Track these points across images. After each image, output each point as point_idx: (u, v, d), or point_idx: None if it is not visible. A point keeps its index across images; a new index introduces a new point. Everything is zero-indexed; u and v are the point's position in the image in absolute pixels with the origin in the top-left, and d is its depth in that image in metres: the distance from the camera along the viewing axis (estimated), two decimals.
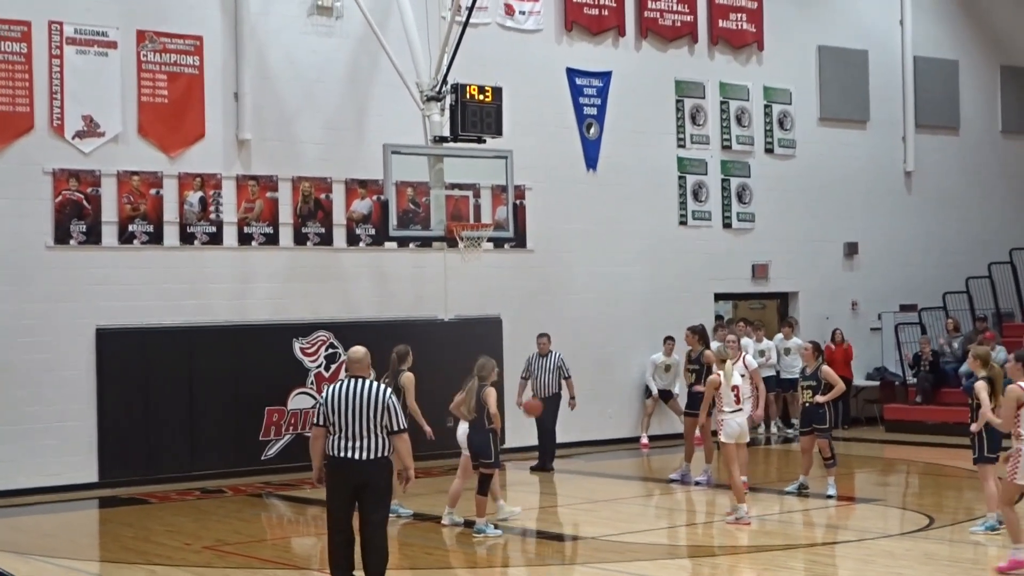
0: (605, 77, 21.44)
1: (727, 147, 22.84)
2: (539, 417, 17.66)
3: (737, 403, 13.87)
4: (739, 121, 22.96)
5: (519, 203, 19.93)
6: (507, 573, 11.94)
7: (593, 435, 20.62)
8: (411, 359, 14.19)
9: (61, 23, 17.08)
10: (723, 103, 22.79)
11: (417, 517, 14.14)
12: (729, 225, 22.82)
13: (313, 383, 18.29)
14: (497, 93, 17.33)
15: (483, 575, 11.74)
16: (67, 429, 16.93)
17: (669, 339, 20.49)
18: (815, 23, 23.98)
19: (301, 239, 18.69)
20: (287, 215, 18.56)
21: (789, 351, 21.35)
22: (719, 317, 22.29)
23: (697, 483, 15.94)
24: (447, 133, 17.31)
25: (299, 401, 18.14)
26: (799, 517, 14.41)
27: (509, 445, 18.00)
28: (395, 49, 18.17)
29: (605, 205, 21.25)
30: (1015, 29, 26.75)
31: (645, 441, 20.73)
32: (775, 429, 21.83)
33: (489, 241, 18.05)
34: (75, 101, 17.12)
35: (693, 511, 14.59)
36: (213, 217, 18.04)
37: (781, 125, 23.47)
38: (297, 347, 18.43)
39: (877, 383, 23.93)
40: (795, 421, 19.38)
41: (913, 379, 22.65)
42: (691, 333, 16.76)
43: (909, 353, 22.79)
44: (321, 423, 9.98)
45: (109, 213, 17.32)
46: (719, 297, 22.84)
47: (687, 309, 21.37)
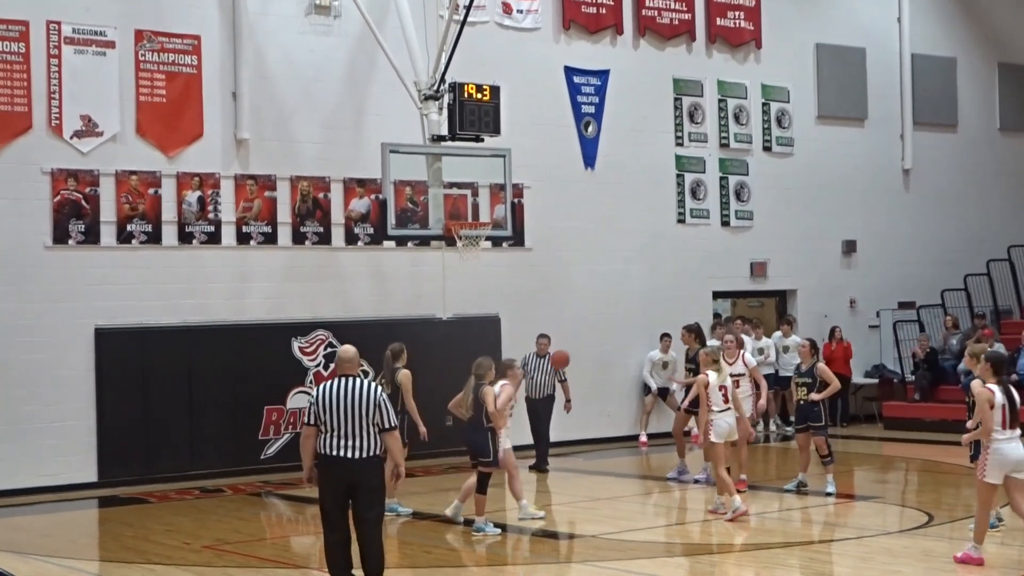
0: (603, 75, 21.44)
1: (725, 145, 22.84)
2: (536, 415, 17.67)
3: (725, 403, 13.96)
4: (737, 119, 22.96)
5: (517, 202, 19.97)
6: (506, 571, 11.95)
7: (592, 433, 20.64)
8: (406, 357, 14.19)
9: (59, 23, 17.08)
10: (721, 101, 22.79)
11: (416, 516, 14.15)
12: (727, 223, 22.83)
13: (312, 382, 18.28)
14: (495, 92, 17.32)
15: (482, 574, 11.74)
16: (66, 429, 16.94)
17: (666, 336, 20.55)
18: (813, 21, 23.98)
19: (299, 238, 18.70)
20: (285, 214, 18.56)
21: (788, 349, 21.35)
22: (717, 315, 22.30)
23: (696, 481, 15.95)
24: (445, 132, 17.31)
25: (298, 400, 18.13)
26: (798, 515, 14.43)
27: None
28: (393, 48, 18.17)
29: (603, 203, 21.26)
30: (1013, 27, 26.75)
31: (644, 439, 20.74)
32: (774, 427, 21.83)
33: (487, 240, 18.05)
34: (73, 101, 17.12)
35: (692, 509, 14.59)
36: (211, 216, 18.04)
37: (779, 123, 23.47)
38: (296, 346, 18.44)
39: (876, 381, 23.95)
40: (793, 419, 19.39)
41: (912, 376, 22.66)
42: (687, 332, 16.77)
43: (920, 351, 22.52)
44: (312, 422, 9.97)
45: (107, 213, 17.32)
46: (717, 295, 22.87)
47: (686, 307, 21.38)
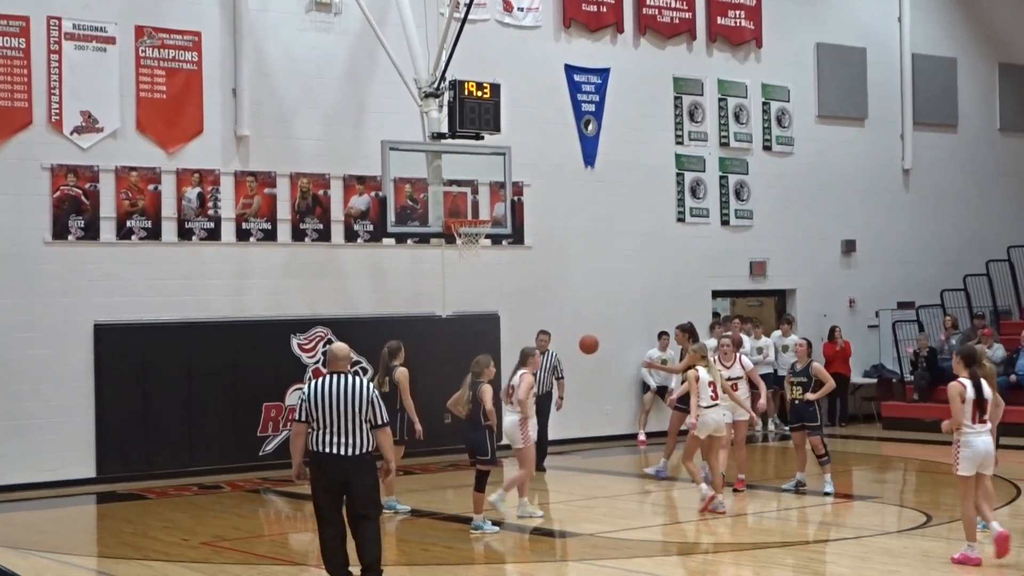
0: (603, 74, 21.44)
1: (725, 144, 22.84)
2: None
3: (714, 398, 14.08)
4: (737, 118, 22.96)
5: (517, 200, 19.97)
6: (504, 569, 11.96)
7: (591, 432, 20.65)
8: (403, 355, 14.19)
9: (60, 18, 17.07)
10: (721, 100, 22.80)
11: (414, 513, 14.16)
12: (727, 222, 22.83)
13: (311, 379, 18.24)
14: (495, 90, 17.31)
15: (480, 571, 11.74)
16: (65, 425, 16.94)
17: (663, 334, 20.56)
18: (813, 20, 23.98)
19: (299, 235, 18.69)
20: (285, 211, 18.56)
21: (787, 348, 21.34)
22: (716, 314, 22.30)
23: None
24: (445, 129, 17.31)
25: (297, 397, 18.06)
26: (796, 514, 14.44)
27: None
28: (393, 45, 18.17)
29: (603, 202, 21.26)
30: (1013, 27, 26.75)
31: (642, 438, 20.74)
32: (772, 426, 21.83)
33: (487, 238, 18.06)
34: (73, 96, 17.12)
35: (690, 508, 14.58)
36: (211, 213, 18.03)
37: (779, 122, 23.47)
38: (295, 343, 18.44)
39: (875, 380, 23.95)
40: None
41: (911, 376, 22.66)
42: (680, 331, 16.89)
43: (920, 348, 22.43)
44: (303, 419, 9.97)
45: (107, 209, 17.32)
46: (717, 294, 22.87)
47: (685, 306, 21.42)
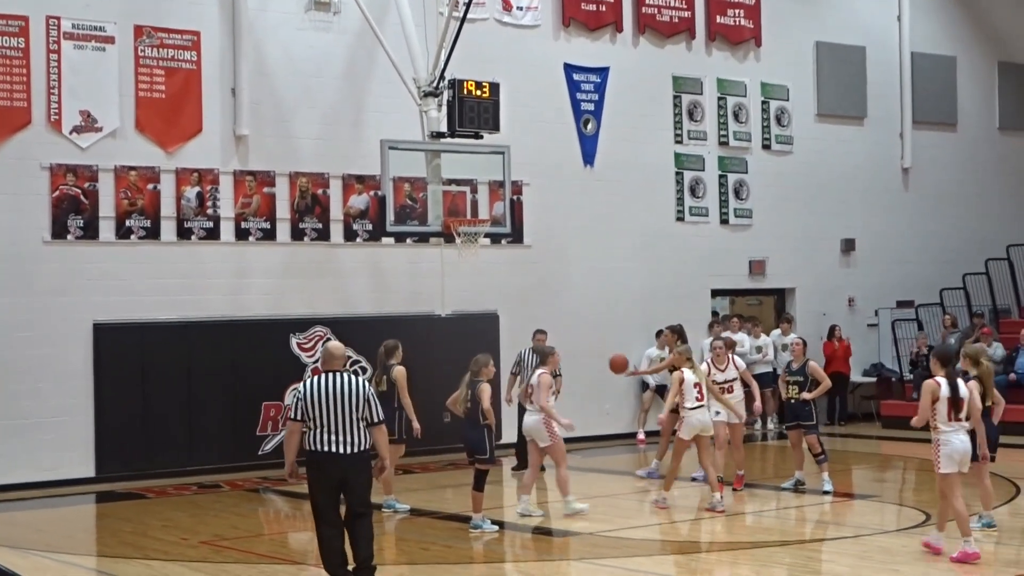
0: (603, 73, 21.44)
1: (724, 143, 22.84)
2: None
3: (700, 399, 14.12)
4: (736, 117, 22.96)
5: (516, 199, 19.97)
6: (503, 568, 11.96)
7: (590, 431, 20.62)
8: (400, 354, 14.18)
9: (59, 18, 17.07)
10: (720, 99, 22.79)
11: (413, 512, 14.16)
12: (726, 221, 22.83)
13: (308, 377, 18.23)
14: (494, 89, 17.30)
15: (479, 570, 11.74)
16: (64, 424, 16.94)
17: (661, 332, 20.51)
18: (813, 19, 23.98)
19: (298, 234, 18.69)
20: (284, 210, 18.56)
21: (786, 347, 21.31)
22: (715, 313, 22.33)
23: (694, 479, 15.94)
24: (444, 129, 17.29)
25: (292, 396, 18.07)
26: (795, 513, 14.45)
27: (506, 440, 18.00)
28: (393, 45, 18.16)
29: (602, 201, 21.26)
30: (1013, 25, 26.75)
31: (642, 437, 20.74)
32: (771, 426, 21.84)
33: (486, 237, 18.03)
34: (73, 96, 17.12)
35: (689, 507, 14.59)
36: (210, 212, 18.03)
37: (778, 121, 23.47)
38: (294, 342, 18.44)
39: (874, 379, 23.95)
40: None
41: (910, 375, 22.64)
42: (670, 332, 17.15)
43: (921, 346, 22.47)
44: (299, 418, 9.97)
45: (106, 208, 17.33)
46: (716, 293, 22.87)
47: (684, 305, 21.44)
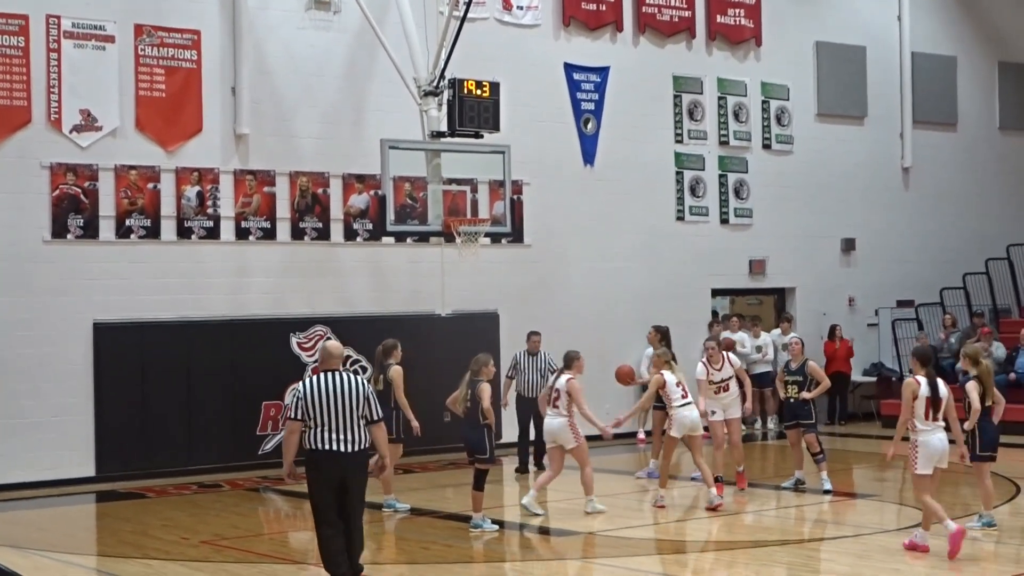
0: (603, 72, 21.43)
1: (724, 143, 22.83)
2: (529, 414, 17.49)
3: (684, 396, 14.19)
4: (737, 117, 22.95)
5: (516, 198, 19.97)
6: (503, 568, 11.96)
7: (590, 430, 20.54)
8: (399, 353, 14.17)
9: (59, 17, 17.06)
10: (721, 99, 22.78)
11: (413, 512, 14.16)
12: (726, 221, 22.83)
13: (308, 376, 18.23)
14: (495, 88, 17.29)
15: (479, 570, 11.74)
16: (64, 423, 16.94)
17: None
18: (813, 19, 23.97)
19: (298, 234, 18.69)
20: (284, 210, 18.55)
21: (786, 347, 21.32)
22: (714, 313, 22.33)
23: (693, 479, 15.94)
24: (444, 128, 17.29)
25: (291, 395, 18.05)
26: (795, 512, 14.45)
27: (506, 440, 17.99)
28: (393, 44, 18.15)
29: (602, 200, 21.25)
30: (1013, 25, 26.74)
31: (642, 436, 20.72)
32: (771, 425, 21.83)
33: (486, 236, 18.02)
34: (73, 95, 17.11)
35: (689, 506, 14.60)
36: (210, 211, 18.03)
37: (779, 121, 23.46)
38: (294, 342, 18.43)
39: (874, 379, 23.94)
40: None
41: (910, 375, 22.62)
42: (655, 331, 17.31)
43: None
44: (299, 417, 9.99)
45: (106, 207, 17.32)
46: (716, 293, 22.86)
47: (684, 305, 21.43)
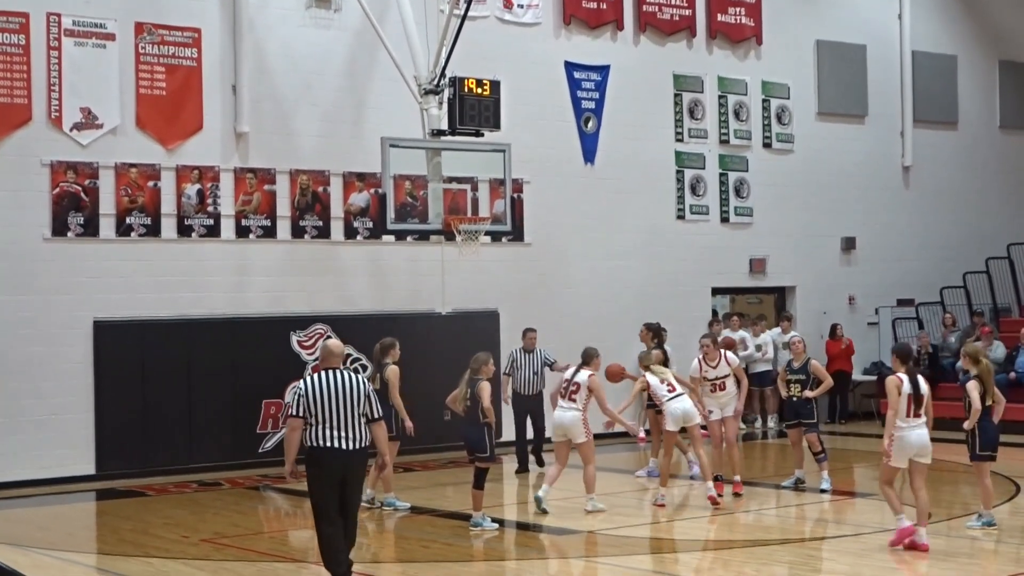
0: (603, 71, 21.43)
1: (725, 141, 22.84)
2: (526, 412, 17.48)
3: (672, 390, 14.30)
4: (737, 115, 22.95)
5: (517, 197, 19.96)
6: (503, 566, 11.95)
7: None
8: (397, 352, 14.16)
9: (59, 15, 17.06)
10: (721, 97, 22.79)
11: (414, 510, 14.17)
12: (727, 219, 22.83)
13: (309, 375, 18.22)
14: (495, 87, 17.30)
15: (479, 568, 11.74)
16: (64, 421, 16.94)
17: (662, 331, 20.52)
18: (813, 18, 23.97)
19: (299, 232, 18.69)
20: (285, 208, 18.55)
21: (787, 345, 21.33)
22: (714, 312, 22.33)
23: (692, 478, 15.95)
24: (445, 126, 17.29)
25: (292, 393, 18.02)
26: (795, 511, 14.45)
27: (506, 439, 17.98)
28: (393, 42, 18.15)
29: (603, 199, 21.25)
30: (1014, 24, 26.74)
31: (642, 435, 20.71)
32: (772, 424, 21.83)
33: (487, 235, 18.03)
34: (73, 93, 17.12)
35: (689, 505, 14.60)
36: (211, 210, 18.03)
37: (779, 120, 23.46)
38: (294, 340, 18.43)
39: (874, 378, 23.91)
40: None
41: None
42: (646, 329, 17.32)
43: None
44: (300, 414, 10.01)
45: (107, 205, 17.32)
46: (716, 291, 22.87)
47: (684, 303, 21.44)
